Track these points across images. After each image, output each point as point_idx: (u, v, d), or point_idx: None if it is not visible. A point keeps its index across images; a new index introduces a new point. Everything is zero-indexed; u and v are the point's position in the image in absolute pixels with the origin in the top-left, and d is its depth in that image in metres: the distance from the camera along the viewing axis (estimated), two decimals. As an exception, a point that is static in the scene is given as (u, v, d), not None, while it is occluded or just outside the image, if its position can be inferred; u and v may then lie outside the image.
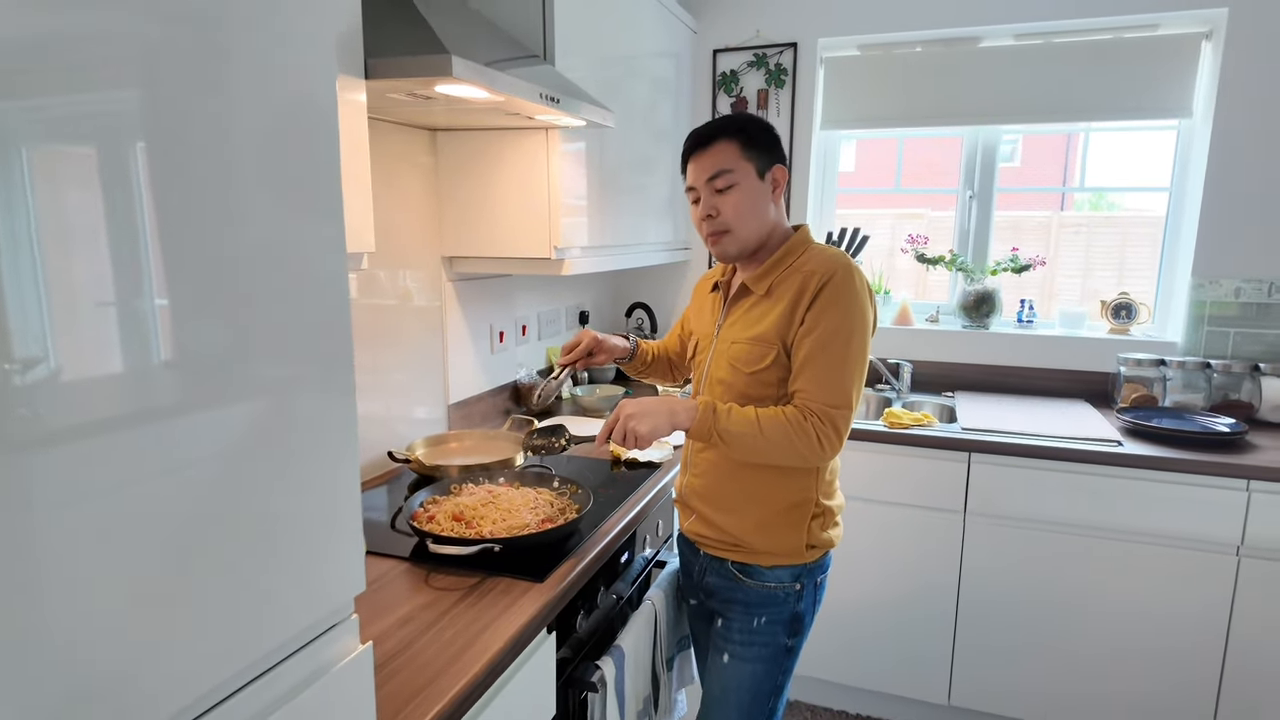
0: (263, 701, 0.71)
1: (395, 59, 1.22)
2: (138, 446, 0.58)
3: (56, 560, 0.53)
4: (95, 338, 0.55)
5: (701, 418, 1.32)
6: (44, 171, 0.52)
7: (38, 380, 0.51)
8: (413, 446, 1.87)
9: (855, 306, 1.33)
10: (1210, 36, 2.48)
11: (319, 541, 0.76)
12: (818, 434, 1.30)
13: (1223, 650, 2.09)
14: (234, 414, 0.66)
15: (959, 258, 2.86)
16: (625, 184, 2.37)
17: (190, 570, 0.63)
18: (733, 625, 1.49)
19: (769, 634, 1.46)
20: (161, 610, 0.61)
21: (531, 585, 1.29)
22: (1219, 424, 2.27)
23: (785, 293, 1.37)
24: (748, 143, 1.37)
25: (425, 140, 1.95)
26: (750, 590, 1.46)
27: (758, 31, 2.86)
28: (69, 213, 0.53)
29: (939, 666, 2.36)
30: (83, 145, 0.54)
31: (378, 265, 1.83)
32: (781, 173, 1.41)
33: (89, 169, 0.54)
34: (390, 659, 1.07)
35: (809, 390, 1.33)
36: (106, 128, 0.55)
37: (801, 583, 1.45)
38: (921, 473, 2.29)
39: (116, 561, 0.57)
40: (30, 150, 0.51)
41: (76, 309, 0.54)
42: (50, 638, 0.53)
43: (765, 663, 1.47)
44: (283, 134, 0.69)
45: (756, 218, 1.39)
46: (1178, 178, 2.65)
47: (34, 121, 0.51)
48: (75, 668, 0.54)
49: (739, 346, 1.41)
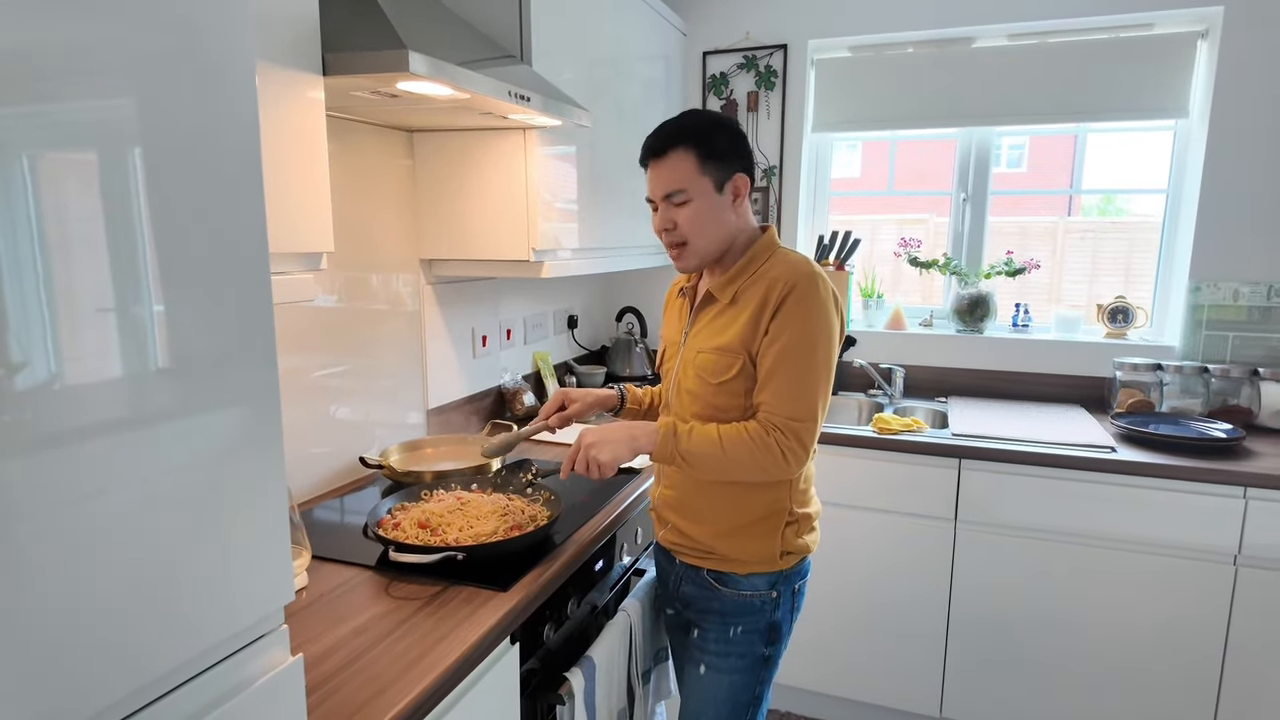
0: (177, 715, 0.68)
1: (352, 54, 1.20)
2: (42, 459, 0.55)
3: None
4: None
5: (663, 441, 1.31)
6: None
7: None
8: (387, 452, 1.84)
9: (819, 315, 1.30)
10: (1206, 35, 2.44)
11: (238, 552, 0.72)
12: (782, 448, 1.28)
13: (1220, 661, 2.03)
14: (142, 422, 0.63)
15: (952, 261, 2.81)
16: (614, 186, 2.35)
17: (94, 580, 0.60)
18: (709, 635, 1.45)
19: (746, 644, 1.43)
20: (61, 618, 0.57)
21: (494, 594, 1.25)
22: (1216, 430, 2.22)
23: (750, 301, 1.34)
24: (705, 154, 1.31)
25: (402, 141, 1.92)
26: (726, 599, 1.42)
27: (747, 33, 2.83)
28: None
29: (930, 677, 2.31)
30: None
31: (353, 268, 1.80)
32: (743, 181, 1.36)
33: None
34: (338, 671, 1.03)
35: (772, 403, 1.30)
36: None
37: (778, 590, 1.42)
38: (911, 479, 2.25)
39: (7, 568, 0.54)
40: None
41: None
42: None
43: (743, 673, 1.44)
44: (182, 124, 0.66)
45: (714, 230, 1.35)
46: (1175, 179, 2.61)
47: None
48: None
49: (705, 356, 1.38)
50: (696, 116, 1.36)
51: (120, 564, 0.62)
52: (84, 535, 0.59)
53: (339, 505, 1.68)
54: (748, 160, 1.37)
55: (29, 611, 0.56)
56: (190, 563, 0.68)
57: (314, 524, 1.56)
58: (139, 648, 0.64)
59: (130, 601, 0.63)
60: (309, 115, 1.18)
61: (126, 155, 0.61)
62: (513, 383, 2.42)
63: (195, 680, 0.70)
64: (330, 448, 1.78)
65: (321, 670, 1.04)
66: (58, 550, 0.58)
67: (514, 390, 2.41)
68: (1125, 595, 2.09)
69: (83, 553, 0.59)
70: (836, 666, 2.40)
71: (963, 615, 2.25)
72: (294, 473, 1.67)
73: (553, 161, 1.95)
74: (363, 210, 1.82)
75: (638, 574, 1.81)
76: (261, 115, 1.08)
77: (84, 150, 0.58)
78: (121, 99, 0.61)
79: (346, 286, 1.79)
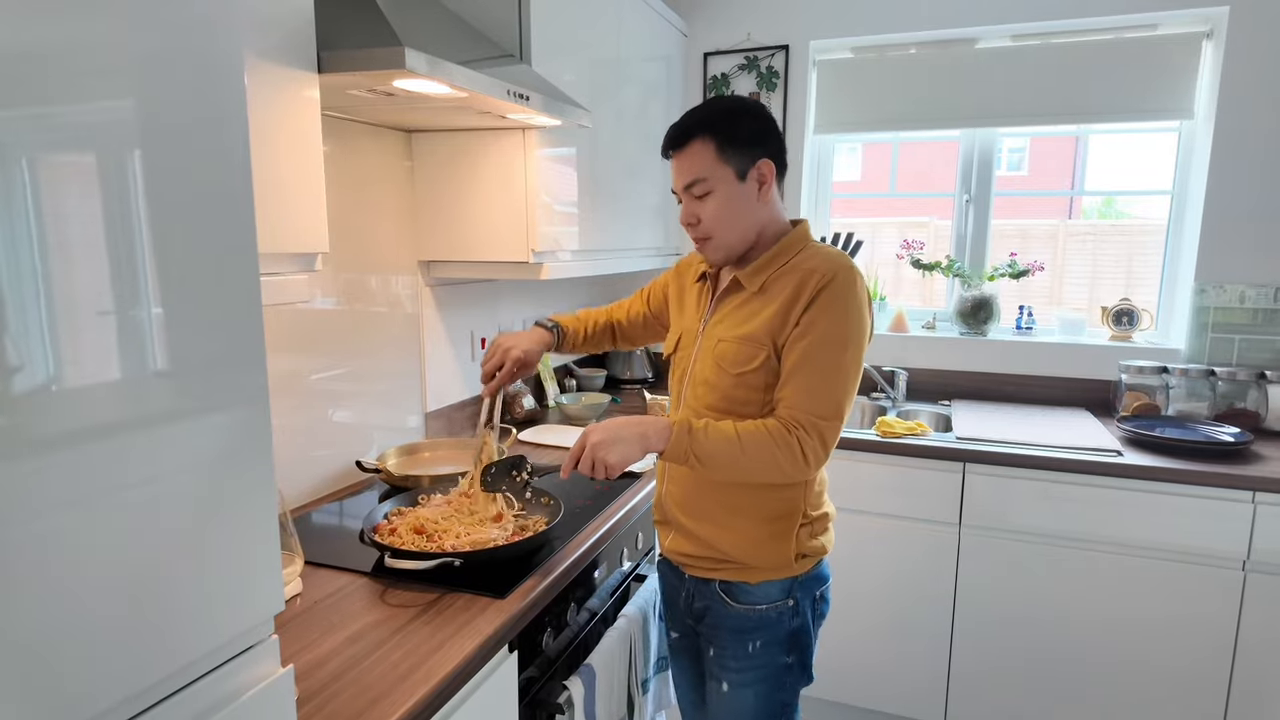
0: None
1: (348, 52, 1.18)
2: (20, 466, 0.53)
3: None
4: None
5: (676, 440, 1.22)
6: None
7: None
8: (385, 455, 1.82)
9: (854, 312, 1.25)
10: (1211, 35, 2.42)
11: (226, 560, 0.70)
12: (803, 447, 1.21)
13: (1229, 669, 2.00)
14: (123, 427, 0.61)
15: (955, 263, 2.79)
16: (614, 188, 2.33)
17: (75, 589, 0.57)
18: (726, 653, 1.39)
19: (766, 656, 1.37)
20: (41, 628, 0.55)
21: (492, 602, 1.23)
22: (1223, 433, 2.19)
23: (780, 291, 1.27)
24: (725, 142, 1.26)
25: (401, 142, 1.90)
26: (740, 615, 1.37)
27: (748, 34, 2.81)
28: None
29: (934, 684, 2.28)
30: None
31: (351, 270, 1.78)
32: (768, 167, 1.28)
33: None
34: (331, 681, 1.01)
35: (796, 399, 1.24)
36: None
37: (795, 598, 1.36)
38: (915, 483, 2.22)
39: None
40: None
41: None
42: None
43: (767, 683, 1.38)
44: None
45: (739, 222, 1.30)
46: (1179, 181, 2.58)
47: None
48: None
49: (726, 345, 1.31)
50: (718, 103, 1.30)
51: (102, 572, 0.60)
52: (65, 543, 0.57)
53: (336, 509, 1.66)
54: (775, 146, 1.30)
55: (9, 620, 0.54)
56: (176, 571, 0.66)
57: (310, 528, 1.54)
58: (122, 659, 0.62)
59: (113, 611, 0.61)
60: (303, 114, 1.16)
61: (105, 153, 0.59)
62: (512, 385, 2.39)
63: (181, 693, 0.68)
64: (327, 451, 1.75)
65: (314, 681, 1.01)
66: (38, 558, 0.55)
67: (513, 393, 2.39)
68: (1131, 601, 2.06)
69: (63, 562, 0.57)
70: (838, 672, 2.37)
71: (967, 621, 2.22)
72: (290, 476, 1.65)
73: (552, 162, 1.93)
74: (361, 211, 1.80)
75: (638, 580, 1.79)
76: (254, 114, 1.06)
77: (65, 148, 0.56)
78: (107, 98, 0.59)
79: (344, 288, 1.77)
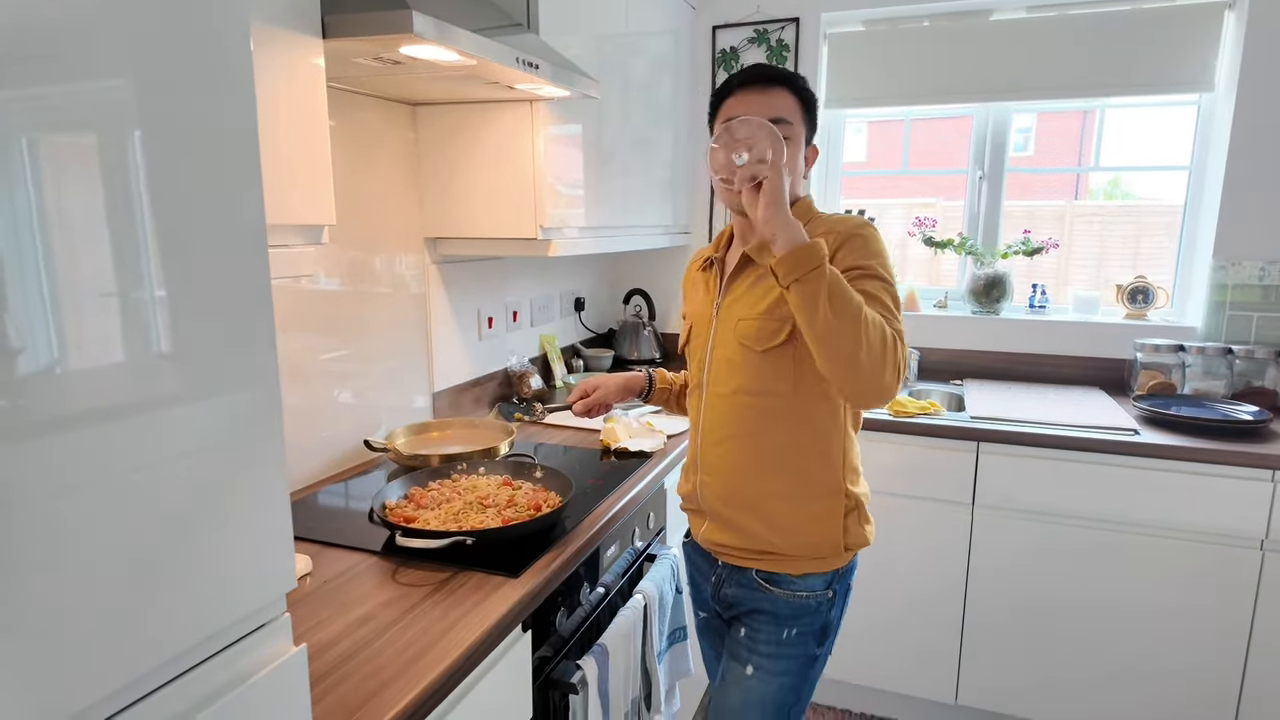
0: (173, 710, 0.63)
1: (353, 15, 1.14)
2: (35, 447, 0.50)
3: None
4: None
5: (811, 247, 1.09)
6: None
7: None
8: (394, 435, 1.80)
9: (883, 255, 1.24)
10: (1233, 5, 2.36)
11: (237, 537, 0.68)
12: (898, 353, 1.12)
13: (1245, 649, 1.98)
14: (134, 407, 0.58)
15: (968, 241, 2.75)
16: (623, 164, 2.29)
17: (87, 568, 0.55)
18: (758, 637, 1.35)
19: (799, 645, 1.34)
20: (54, 608, 0.53)
21: (505, 581, 1.21)
22: (1241, 412, 2.16)
23: None
24: (807, 109, 1.31)
25: (406, 115, 1.86)
26: (779, 600, 1.33)
27: (758, 6, 2.75)
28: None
29: (946, 664, 2.27)
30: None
31: (357, 248, 1.75)
32: (814, 153, 1.35)
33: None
34: (342, 662, 0.99)
35: None
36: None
37: (834, 589, 1.33)
38: (928, 463, 2.20)
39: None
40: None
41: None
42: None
43: (793, 675, 1.35)
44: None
45: (792, 176, 1.28)
46: (1198, 155, 2.53)
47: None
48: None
49: (748, 324, 1.28)
50: (797, 74, 1.34)
51: (113, 551, 0.57)
52: (78, 523, 0.55)
53: (344, 490, 1.64)
54: None
55: (20, 601, 0.52)
56: (188, 549, 0.63)
57: (318, 509, 1.52)
58: (135, 637, 0.60)
59: (125, 589, 0.59)
60: (309, 81, 1.13)
61: (107, 122, 0.56)
62: (519, 365, 2.37)
63: (194, 670, 0.65)
64: (335, 431, 1.73)
65: (325, 660, 1.00)
66: (51, 538, 0.53)
67: (520, 373, 2.36)
68: (1147, 581, 2.04)
69: (76, 541, 0.55)
70: (850, 652, 2.36)
71: (980, 601, 2.20)
72: (298, 457, 1.63)
73: (560, 136, 1.89)
74: (366, 187, 1.76)
75: (650, 559, 1.77)
76: (259, 81, 1.03)
77: (65, 122, 0.53)
78: (109, 75, 0.55)
79: (350, 268, 1.74)
